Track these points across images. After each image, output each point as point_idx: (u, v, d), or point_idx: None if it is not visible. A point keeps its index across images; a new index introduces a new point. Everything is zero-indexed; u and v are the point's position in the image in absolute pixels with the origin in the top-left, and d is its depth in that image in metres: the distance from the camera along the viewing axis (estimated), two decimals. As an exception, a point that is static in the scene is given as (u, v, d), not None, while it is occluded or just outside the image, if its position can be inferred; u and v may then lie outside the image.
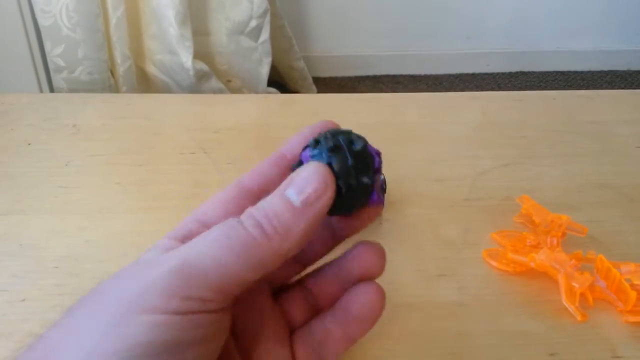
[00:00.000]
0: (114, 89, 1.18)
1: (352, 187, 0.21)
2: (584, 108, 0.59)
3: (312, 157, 0.22)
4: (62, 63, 1.11)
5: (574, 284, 0.36)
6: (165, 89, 1.28)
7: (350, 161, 0.21)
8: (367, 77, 1.84)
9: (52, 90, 1.14)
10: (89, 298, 0.20)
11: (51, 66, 1.12)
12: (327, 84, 1.78)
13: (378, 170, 0.23)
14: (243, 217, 0.20)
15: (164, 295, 0.19)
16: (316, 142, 0.22)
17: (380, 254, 0.24)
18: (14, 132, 0.53)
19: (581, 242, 0.40)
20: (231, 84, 1.39)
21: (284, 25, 1.51)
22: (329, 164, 0.21)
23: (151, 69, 1.26)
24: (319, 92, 1.68)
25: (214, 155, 0.51)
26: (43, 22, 1.06)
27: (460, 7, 1.76)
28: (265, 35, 1.36)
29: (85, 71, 1.12)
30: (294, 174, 0.21)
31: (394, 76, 1.85)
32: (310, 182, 0.20)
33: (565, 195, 0.46)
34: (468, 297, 0.37)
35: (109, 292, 0.20)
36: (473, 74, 1.87)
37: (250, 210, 0.21)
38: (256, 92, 1.41)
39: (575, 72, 1.88)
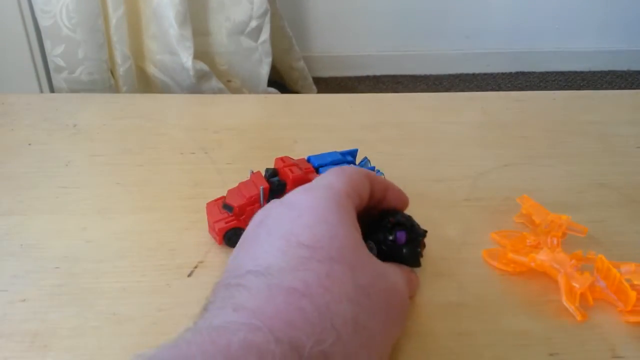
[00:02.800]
0: (114, 89, 1.18)
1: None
2: (584, 108, 0.59)
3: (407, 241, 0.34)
4: (62, 63, 1.11)
5: (574, 284, 0.36)
6: (165, 89, 1.28)
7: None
8: (367, 77, 1.84)
9: (52, 90, 1.14)
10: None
11: (51, 66, 1.12)
12: (327, 84, 1.78)
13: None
14: None
15: None
16: (409, 229, 0.34)
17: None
18: (14, 132, 0.53)
19: (581, 242, 0.40)
20: (231, 84, 1.39)
21: (284, 25, 1.51)
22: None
23: (151, 69, 1.26)
24: (319, 92, 1.68)
25: (214, 155, 0.51)
26: (43, 22, 1.06)
27: (460, 7, 1.76)
28: (265, 35, 1.36)
29: (85, 71, 1.12)
30: None
31: (394, 76, 1.85)
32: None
33: (565, 195, 0.46)
34: (468, 297, 0.37)
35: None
36: (473, 74, 1.87)
37: None
38: (256, 92, 1.41)
39: (575, 72, 1.88)
